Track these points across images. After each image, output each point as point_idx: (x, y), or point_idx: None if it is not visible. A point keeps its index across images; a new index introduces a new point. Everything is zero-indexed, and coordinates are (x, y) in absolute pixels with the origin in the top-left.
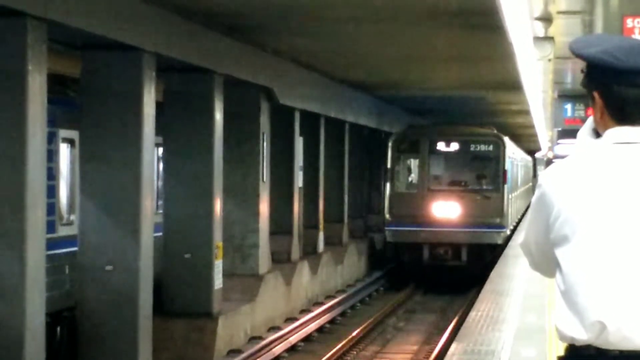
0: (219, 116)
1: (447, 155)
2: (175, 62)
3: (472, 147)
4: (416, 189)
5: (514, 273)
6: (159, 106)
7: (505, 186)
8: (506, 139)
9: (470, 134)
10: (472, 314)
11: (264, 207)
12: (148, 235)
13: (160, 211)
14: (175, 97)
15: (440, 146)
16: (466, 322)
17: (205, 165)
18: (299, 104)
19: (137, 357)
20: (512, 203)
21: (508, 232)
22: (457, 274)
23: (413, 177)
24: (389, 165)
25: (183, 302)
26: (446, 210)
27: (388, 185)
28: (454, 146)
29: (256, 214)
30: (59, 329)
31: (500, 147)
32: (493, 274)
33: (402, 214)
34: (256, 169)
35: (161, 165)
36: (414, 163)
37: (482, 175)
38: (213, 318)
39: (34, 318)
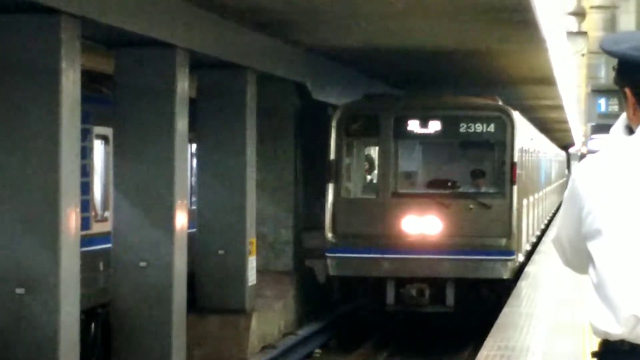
0: (252, 112)
1: (423, 140)
2: (208, 58)
3: (463, 128)
4: (375, 194)
5: (548, 267)
6: (192, 103)
7: (515, 188)
8: (516, 115)
9: (459, 106)
10: (506, 309)
11: (297, 203)
12: (182, 231)
13: (194, 207)
14: (209, 94)
15: (413, 126)
16: (499, 318)
17: (238, 162)
18: (333, 99)
19: (171, 353)
20: (528, 213)
21: (520, 259)
22: (440, 326)
23: (372, 174)
24: (332, 157)
25: (217, 299)
26: (422, 226)
27: (331, 187)
28: (434, 126)
29: (289, 210)
30: (93, 325)
31: (507, 126)
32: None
33: (353, 233)
34: (290, 165)
35: (195, 162)
36: (371, 153)
37: (479, 171)
38: (247, 314)
39: (68, 315)
